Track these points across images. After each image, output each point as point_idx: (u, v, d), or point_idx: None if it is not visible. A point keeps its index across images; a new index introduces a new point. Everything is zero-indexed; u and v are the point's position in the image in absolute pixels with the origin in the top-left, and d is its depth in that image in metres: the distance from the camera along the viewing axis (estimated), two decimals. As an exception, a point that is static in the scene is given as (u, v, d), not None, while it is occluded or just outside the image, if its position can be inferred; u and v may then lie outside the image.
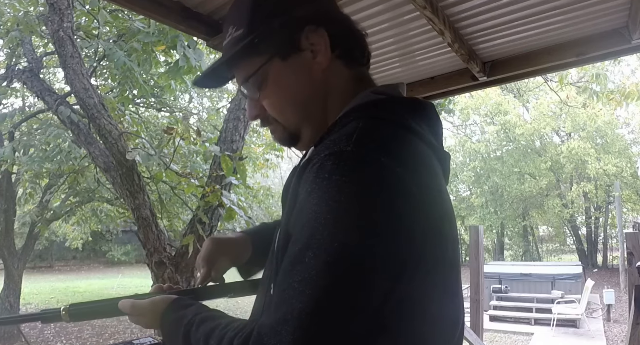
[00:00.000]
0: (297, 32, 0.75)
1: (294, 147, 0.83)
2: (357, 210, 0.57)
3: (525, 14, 1.92)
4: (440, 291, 0.66)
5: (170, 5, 1.91)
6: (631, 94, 6.01)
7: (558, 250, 24.97)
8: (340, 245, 0.55)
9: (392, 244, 0.58)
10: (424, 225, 0.61)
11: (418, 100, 0.77)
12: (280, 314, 0.56)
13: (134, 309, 0.83)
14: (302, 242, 0.58)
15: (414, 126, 0.70)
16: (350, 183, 0.58)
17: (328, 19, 0.78)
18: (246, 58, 0.78)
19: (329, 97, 0.78)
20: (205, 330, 0.68)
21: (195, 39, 4.14)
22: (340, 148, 0.61)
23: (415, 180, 0.62)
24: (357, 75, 0.80)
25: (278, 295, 0.59)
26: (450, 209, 0.71)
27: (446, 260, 0.66)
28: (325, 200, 0.58)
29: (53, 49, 4.98)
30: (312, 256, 0.56)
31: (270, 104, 0.79)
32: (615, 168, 16.72)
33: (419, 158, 0.67)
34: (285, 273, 0.59)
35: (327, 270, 0.55)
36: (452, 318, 0.70)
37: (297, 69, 0.76)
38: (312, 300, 0.54)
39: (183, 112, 9.14)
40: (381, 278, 0.57)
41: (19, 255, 9.06)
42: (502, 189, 19.98)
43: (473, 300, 5.11)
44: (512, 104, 19.23)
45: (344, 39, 0.78)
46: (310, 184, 0.61)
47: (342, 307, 0.55)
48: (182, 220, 7.50)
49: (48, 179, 8.31)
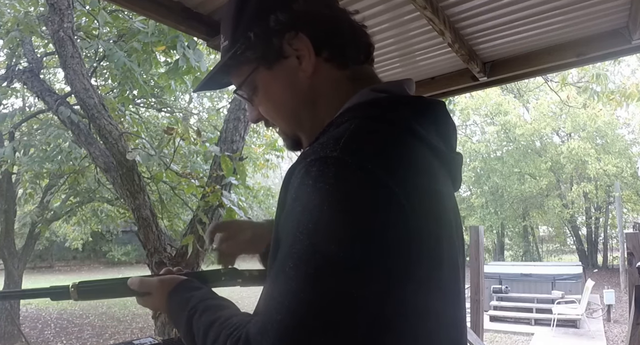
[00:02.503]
0: (277, 39, 0.74)
1: (299, 151, 0.81)
2: (339, 220, 0.55)
3: (525, 14, 1.93)
4: (436, 295, 0.63)
5: (170, 5, 1.91)
6: (631, 94, 6.01)
7: (558, 250, 24.97)
8: (321, 256, 0.54)
9: (374, 256, 0.55)
10: (413, 232, 0.59)
11: (423, 99, 0.73)
12: (261, 323, 0.56)
13: (142, 285, 0.83)
14: (285, 250, 0.57)
15: (413, 126, 0.67)
16: (333, 191, 0.56)
17: (309, 22, 0.74)
18: (234, 68, 0.79)
19: (319, 102, 0.76)
20: (207, 320, 0.69)
21: (195, 39, 4.14)
22: (325, 153, 0.59)
23: (402, 186, 0.59)
24: (353, 74, 0.76)
25: (262, 302, 0.59)
26: (448, 210, 0.69)
27: (443, 262, 0.64)
28: (309, 208, 0.56)
29: (53, 49, 4.98)
30: (291, 266, 0.55)
31: (263, 111, 0.80)
32: (615, 168, 16.72)
33: (410, 161, 0.64)
34: (270, 280, 0.59)
35: (306, 282, 0.54)
36: (451, 322, 0.68)
37: (283, 76, 0.75)
38: (289, 313, 0.53)
39: (183, 112, 9.15)
40: (361, 290, 0.55)
41: (19, 255, 9.06)
42: (502, 189, 19.97)
43: (473, 300, 5.11)
44: (512, 104, 19.21)
45: (332, 39, 0.75)
46: (295, 190, 0.59)
47: (320, 321, 0.53)
48: (182, 220, 7.50)
49: (48, 179, 8.31)
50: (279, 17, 0.73)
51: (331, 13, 0.78)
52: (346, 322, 0.54)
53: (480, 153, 20.61)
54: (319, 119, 0.75)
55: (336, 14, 0.78)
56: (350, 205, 0.56)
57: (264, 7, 0.75)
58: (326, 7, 0.78)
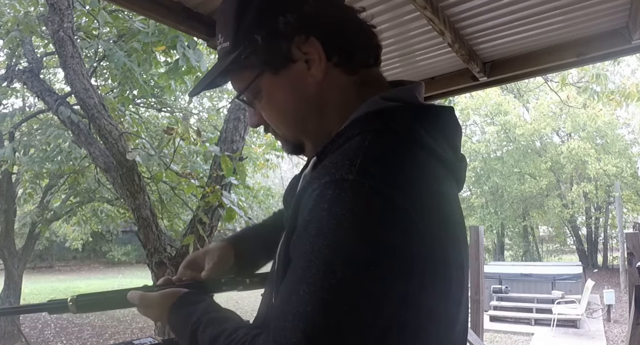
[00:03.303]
0: (286, 43, 0.69)
1: (300, 155, 0.80)
2: (355, 246, 0.55)
3: (525, 14, 1.93)
4: (444, 323, 0.65)
5: (170, 5, 1.91)
6: (631, 94, 6.01)
7: (558, 250, 24.96)
8: (337, 282, 0.54)
9: (389, 282, 0.55)
10: (428, 258, 0.59)
11: (433, 107, 0.72)
12: (274, 343, 0.56)
13: (142, 300, 0.82)
14: (298, 273, 0.57)
15: (426, 140, 0.66)
16: (350, 217, 0.55)
17: (319, 24, 0.70)
18: (236, 72, 0.74)
19: (327, 109, 0.73)
20: (212, 334, 0.68)
21: (195, 39, 4.14)
22: (341, 175, 0.57)
23: (420, 210, 0.59)
24: (361, 79, 0.74)
25: (274, 320, 0.58)
26: (457, 228, 0.69)
27: (454, 282, 0.65)
28: (324, 233, 0.56)
29: (53, 49, 4.98)
30: (306, 290, 0.55)
31: (266, 116, 0.76)
32: (615, 168, 16.71)
33: (426, 182, 0.64)
34: (281, 299, 0.59)
35: (320, 306, 0.54)
36: (455, 322, 0.69)
37: (290, 82, 0.71)
38: (304, 337, 0.53)
39: (183, 112, 9.15)
40: (376, 318, 0.55)
41: (19, 255, 9.06)
42: (502, 189, 19.97)
43: (473, 300, 5.12)
44: (512, 104, 19.20)
45: (342, 43, 0.71)
46: (309, 212, 0.58)
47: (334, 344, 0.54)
48: (182, 220, 7.50)
49: (48, 179, 8.31)
50: (289, 19, 0.68)
51: (341, 15, 0.74)
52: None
53: (480, 153, 20.60)
54: (325, 125, 0.73)
55: (345, 14, 0.74)
56: (367, 231, 0.56)
57: (272, 9, 0.70)
58: (336, 9, 0.74)
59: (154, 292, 0.83)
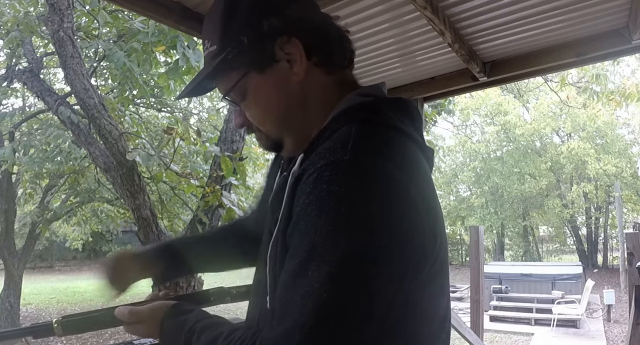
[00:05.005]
0: (269, 44, 0.74)
1: (278, 153, 0.84)
2: (358, 220, 0.57)
3: (525, 14, 1.93)
4: (436, 289, 0.69)
5: (170, 5, 1.91)
6: (631, 94, 6.01)
7: (558, 250, 24.94)
8: (344, 255, 0.55)
9: (396, 250, 0.58)
10: (422, 226, 0.63)
11: (402, 100, 0.78)
12: (282, 328, 0.56)
13: (132, 316, 0.82)
14: (302, 254, 0.58)
15: (402, 126, 0.71)
16: (349, 193, 0.58)
17: (301, 27, 0.76)
18: (223, 73, 0.78)
19: (309, 105, 0.78)
20: (207, 339, 0.68)
21: (195, 39, 4.14)
22: (337, 157, 0.61)
23: (412, 182, 0.63)
24: (339, 79, 0.80)
25: (279, 309, 0.58)
26: (438, 207, 0.72)
27: (439, 258, 0.68)
28: (325, 211, 0.57)
29: (53, 49, 4.98)
30: (314, 268, 0.56)
31: (250, 115, 0.80)
32: (615, 168, 16.71)
33: (411, 159, 0.69)
34: (285, 286, 0.59)
35: (330, 282, 0.55)
36: (442, 315, 0.72)
37: (275, 80, 0.76)
38: (314, 314, 0.54)
39: (183, 112, 9.15)
40: (386, 285, 0.57)
41: (19, 255, 9.05)
42: (502, 189, 19.97)
43: (473, 300, 5.10)
44: (512, 104, 19.20)
45: (321, 44, 0.77)
46: (307, 196, 0.60)
47: (346, 319, 0.54)
48: (182, 220, 7.50)
49: (48, 179, 8.31)
50: (273, 22, 0.74)
51: (320, 19, 0.80)
52: (372, 316, 0.57)
53: (480, 153, 20.61)
54: (308, 121, 0.78)
55: (324, 19, 0.81)
56: (369, 205, 0.58)
57: (256, 12, 0.75)
58: (315, 14, 0.80)
59: (142, 306, 0.83)
